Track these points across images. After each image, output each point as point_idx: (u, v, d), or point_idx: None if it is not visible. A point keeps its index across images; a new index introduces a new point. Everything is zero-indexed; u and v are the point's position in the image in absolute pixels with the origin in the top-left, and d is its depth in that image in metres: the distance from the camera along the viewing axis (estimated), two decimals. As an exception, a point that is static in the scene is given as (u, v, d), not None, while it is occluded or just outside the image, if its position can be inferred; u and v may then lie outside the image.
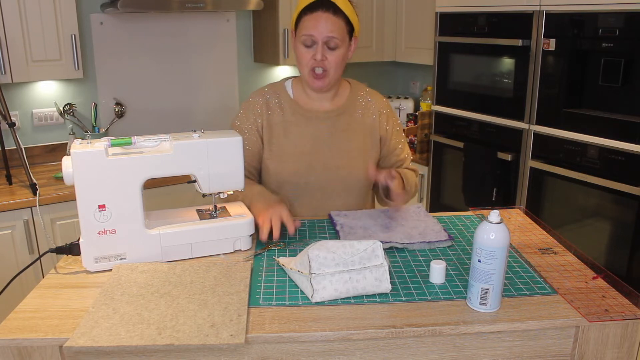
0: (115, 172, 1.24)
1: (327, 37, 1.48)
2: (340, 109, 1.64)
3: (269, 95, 1.64)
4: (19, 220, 2.35)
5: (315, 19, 1.48)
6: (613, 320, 1.06)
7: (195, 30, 3.14)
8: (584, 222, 2.27)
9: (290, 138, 1.60)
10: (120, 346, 0.98)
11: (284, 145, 1.60)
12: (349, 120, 1.63)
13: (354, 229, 1.46)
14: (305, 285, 1.14)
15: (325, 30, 1.47)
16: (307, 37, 1.49)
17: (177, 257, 1.33)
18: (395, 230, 1.45)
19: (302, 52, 1.52)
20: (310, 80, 1.54)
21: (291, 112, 1.61)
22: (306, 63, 1.52)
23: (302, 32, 1.50)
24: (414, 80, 3.77)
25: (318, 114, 1.61)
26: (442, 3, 2.80)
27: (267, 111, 1.61)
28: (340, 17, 1.49)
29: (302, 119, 1.61)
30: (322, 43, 1.49)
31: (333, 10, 1.48)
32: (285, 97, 1.63)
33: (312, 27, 1.48)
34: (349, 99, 1.66)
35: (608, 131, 2.13)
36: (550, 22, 2.29)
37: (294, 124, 1.60)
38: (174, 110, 3.19)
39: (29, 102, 2.81)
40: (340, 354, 1.06)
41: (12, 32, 2.44)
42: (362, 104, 1.67)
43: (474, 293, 1.09)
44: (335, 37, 1.49)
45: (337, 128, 1.62)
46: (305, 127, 1.60)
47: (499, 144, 2.61)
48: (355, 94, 1.67)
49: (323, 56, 1.50)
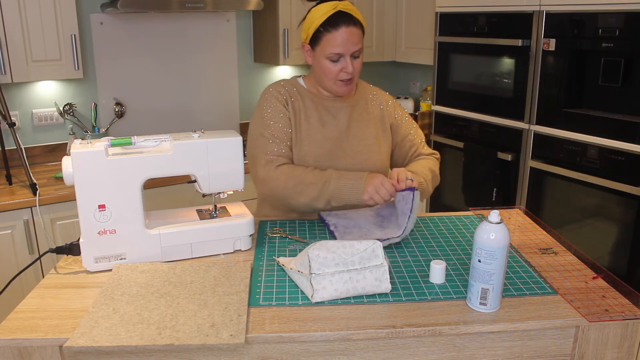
0: (115, 172, 1.24)
1: (354, 51, 1.53)
2: (352, 102, 1.69)
3: (287, 86, 1.67)
4: (19, 220, 2.35)
5: (341, 36, 1.50)
6: (613, 320, 1.06)
7: (195, 30, 3.14)
8: (584, 222, 2.27)
9: (312, 124, 1.63)
10: (120, 346, 0.98)
11: (308, 131, 1.62)
12: (360, 111, 1.69)
13: (349, 228, 1.46)
14: (305, 285, 1.14)
15: (352, 45, 1.52)
16: (335, 54, 1.53)
17: (177, 257, 1.33)
18: (390, 227, 1.45)
19: (329, 67, 1.55)
20: (339, 88, 1.59)
21: (310, 100, 1.65)
22: (334, 76, 1.56)
23: (328, 50, 1.52)
24: (414, 80, 3.77)
25: (335, 104, 1.66)
26: (442, 3, 2.80)
27: (290, 97, 1.64)
28: (358, 26, 1.54)
29: (321, 107, 1.65)
30: (350, 56, 1.54)
31: (353, 22, 1.52)
32: (301, 89, 1.67)
33: (340, 45, 1.51)
34: (357, 93, 1.71)
35: (608, 131, 2.13)
36: (550, 22, 2.29)
37: (313, 111, 1.64)
38: (174, 110, 3.19)
39: (29, 102, 2.81)
40: (340, 354, 1.06)
41: (12, 32, 2.44)
42: (369, 97, 1.73)
43: (474, 293, 1.09)
44: (361, 47, 1.55)
45: (352, 118, 1.67)
46: (325, 116, 1.64)
47: (499, 144, 2.61)
48: (363, 90, 1.74)
49: (352, 67, 1.55)
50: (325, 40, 1.52)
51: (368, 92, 1.73)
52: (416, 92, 3.76)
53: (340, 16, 1.51)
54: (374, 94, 1.74)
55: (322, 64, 1.56)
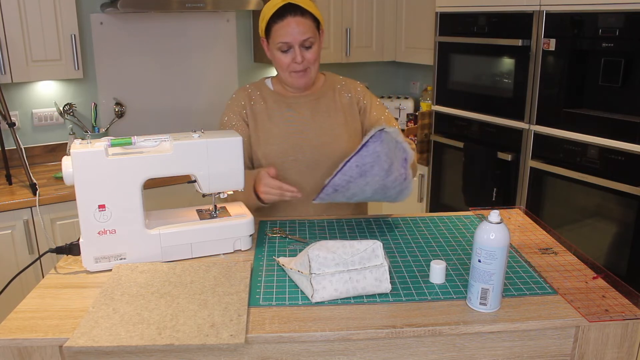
0: (115, 172, 1.24)
1: (302, 40, 1.55)
2: (318, 94, 1.71)
3: (251, 90, 1.72)
4: (19, 220, 2.35)
5: (287, 26, 1.53)
6: (613, 320, 1.06)
7: (195, 30, 3.14)
8: (584, 222, 2.27)
9: (275, 122, 1.67)
10: (120, 346, 0.98)
11: (270, 129, 1.66)
12: (327, 102, 1.70)
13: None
14: (305, 285, 1.15)
15: (299, 34, 1.54)
16: (283, 44, 1.55)
17: (177, 257, 1.33)
18: (393, 172, 1.42)
19: (280, 57, 1.58)
20: (294, 80, 1.61)
21: (273, 101, 1.69)
22: (286, 67, 1.59)
23: (277, 40, 1.56)
24: (414, 80, 3.77)
25: (299, 99, 1.69)
26: (442, 3, 2.80)
27: (250, 102, 1.69)
28: (307, 17, 1.56)
29: (284, 105, 1.68)
30: (299, 46, 1.55)
31: (300, 12, 1.54)
32: (266, 90, 1.71)
33: (286, 34, 1.54)
34: (324, 85, 1.73)
35: (608, 131, 2.13)
36: (550, 22, 2.29)
37: (276, 110, 1.68)
38: (174, 110, 3.19)
39: (29, 102, 2.81)
40: (340, 354, 1.06)
41: (12, 32, 2.44)
42: (337, 88, 1.74)
43: (474, 293, 1.09)
44: (310, 37, 1.56)
45: (317, 110, 1.69)
46: (287, 112, 1.68)
47: (499, 144, 2.61)
48: (330, 81, 1.75)
49: (302, 57, 1.56)
50: (274, 31, 1.56)
51: (336, 83, 1.74)
52: (416, 92, 3.76)
53: (289, 8, 1.54)
54: (343, 84, 1.75)
55: (275, 56, 1.60)
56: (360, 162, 1.35)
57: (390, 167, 1.40)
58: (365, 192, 1.42)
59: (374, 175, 1.38)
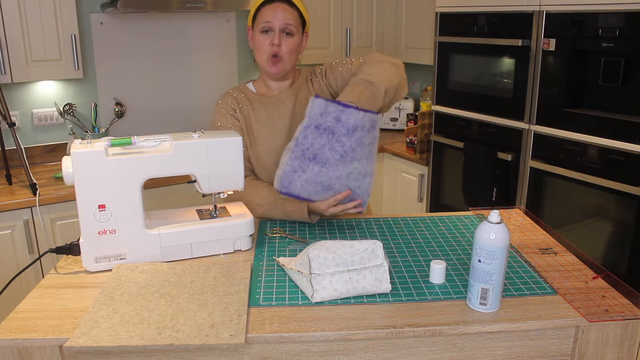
0: (115, 172, 1.24)
1: (284, 25, 1.61)
2: (295, 88, 1.74)
3: (235, 93, 1.75)
4: (19, 220, 2.35)
5: (273, 8, 1.62)
6: (613, 320, 1.06)
7: (195, 30, 3.14)
8: (584, 222, 2.27)
9: (262, 122, 1.70)
10: (120, 346, 0.98)
11: (258, 130, 1.69)
12: (305, 94, 1.73)
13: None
14: (305, 285, 1.15)
15: (282, 17, 1.61)
16: (265, 24, 1.61)
17: (177, 257, 1.33)
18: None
19: (260, 40, 1.63)
20: (268, 65, 1.65)
21: (257, 102, 1.72)
22: (265, 50, 1.63)
23: (261, 20, 1.62)
24: (414, 80, 3.77)
25: (280, 95, 1.72)
26: (442, 3, 2.79)
27: (238, 104, 1.73)
28: (294, 9, 1.64)
29: (269, 104, 1.71)
30: (279, 30, 1.61)
31: (288, 3, 1.63)
32: (249, 93, 1.75)
33: (270, 15, 1.61)
34: (299, 79, 1.76)
35: (608, 131, 2.13)
36: (550, 22, 2.29)
37: (262, 110, 1.71)
38: (174, 110, 3.19)
39: (29, 102, 2.81)
40: (340, 354, 1.06)
41: (12, 32, 2.44)
42: (309, 78, 1.76)
43: (474, 293, 1.09)
44: (291, 24, 1.62)
45: (297, 103, 1.71)
46: (272, 110, 1.71)
47: (499, 144, 2.61)
48: (304, 74, 1.77)
49: (280, 41, 1.61)
50: (260, 14, 1.64)
51: (308, 75, 1.76)
52: (416, 92, 3.76)
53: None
54: (312, 72, 1.77)
55: (256, 39, 1.65)
56: (309, 134, 1.38)
57: (345, 154, 1.37)
58: (320, 182, 1.39)
59: (325, 154, 1.37)
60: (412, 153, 3.18)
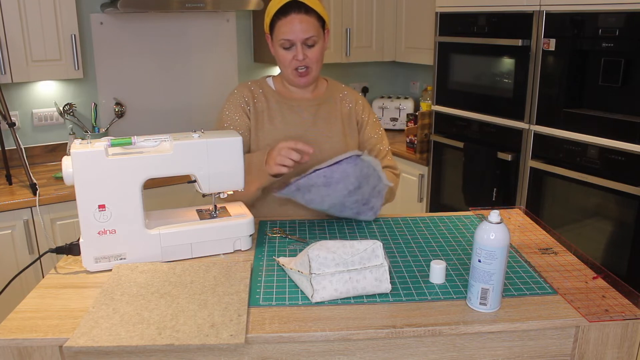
0: (115, 172, 1.24)
1: (304, 38, 1.54)
2: (320, 99, 1.70)
3: (253, 87, 1.70)
4: (19, 220, 2.35)
5: (290, 23, 1.53)
6: (613, 320, 1.06)
7: (195, 30, 3.14)
8: (584, 222, 2.27)
9: (275, 124, 1.65)
10: (120, 346, 0.98)
11: (270, 132, 1.65)
12: (328, 109, 1.70)
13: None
14: (305, 285, 1.15)
15: (301, 32, 1.53)
16: (285, 41, 1.55)
17: (177, 257, 1.33)
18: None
19: (283, 55, 1.58)
20: (295, 78, 1.61)
21: (275, 101, 1.67)
22: (288, 64, 1.58)
23: (280, 37, 1.55)
24: (414, 80, 3.77)
25: (300, 102, 1.68)
26: (442, 3, 2.79)
27: (253, 99, 1.67)
28: (312, 15, 1.54)
29: (285, 107, 1.67)
30: (301, 44, 1.55)
31: (305, 10, 1.53)
32: (268, 89, 1.70)
33: (289, 31, 1.53)
34: (327, 91, 1.73)
35: (608, 131, 2.13)
36: (550, 22, 2.29)
37: (277, 111, 1.66)
38: (174, 110, 3.19)
39: (29, 102, 2.81)
40: (340, 354, 1.06)
41: (12, 32, 2.44)
42: (339, 96, 1.74)
43: (474, 293, 1.09)
44: (313, 36, 1.55)
45: (318, 116, 1.68)
46: (288, 115, 1.66)
47: (499, 144, 2.61)
48: (332, 88, 1.75)
49: (304, 55, 1.56)
50: (277, 28, 1.56)
51: (339, 92, 1.74)
52: (416, 92, 3.76)
53: (293, 5, 1.53)
54: (345, 93, 1.75)
55: (277, 53, 1.59)
56: (329, 174, 1.39)
57: (355, 190, 1.44)
58: (323, 202, 1.46)
59: (337, 190, 1.42)
60: (412, 153, 3.18)
